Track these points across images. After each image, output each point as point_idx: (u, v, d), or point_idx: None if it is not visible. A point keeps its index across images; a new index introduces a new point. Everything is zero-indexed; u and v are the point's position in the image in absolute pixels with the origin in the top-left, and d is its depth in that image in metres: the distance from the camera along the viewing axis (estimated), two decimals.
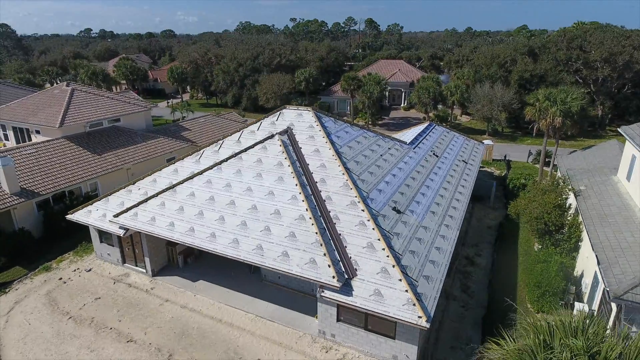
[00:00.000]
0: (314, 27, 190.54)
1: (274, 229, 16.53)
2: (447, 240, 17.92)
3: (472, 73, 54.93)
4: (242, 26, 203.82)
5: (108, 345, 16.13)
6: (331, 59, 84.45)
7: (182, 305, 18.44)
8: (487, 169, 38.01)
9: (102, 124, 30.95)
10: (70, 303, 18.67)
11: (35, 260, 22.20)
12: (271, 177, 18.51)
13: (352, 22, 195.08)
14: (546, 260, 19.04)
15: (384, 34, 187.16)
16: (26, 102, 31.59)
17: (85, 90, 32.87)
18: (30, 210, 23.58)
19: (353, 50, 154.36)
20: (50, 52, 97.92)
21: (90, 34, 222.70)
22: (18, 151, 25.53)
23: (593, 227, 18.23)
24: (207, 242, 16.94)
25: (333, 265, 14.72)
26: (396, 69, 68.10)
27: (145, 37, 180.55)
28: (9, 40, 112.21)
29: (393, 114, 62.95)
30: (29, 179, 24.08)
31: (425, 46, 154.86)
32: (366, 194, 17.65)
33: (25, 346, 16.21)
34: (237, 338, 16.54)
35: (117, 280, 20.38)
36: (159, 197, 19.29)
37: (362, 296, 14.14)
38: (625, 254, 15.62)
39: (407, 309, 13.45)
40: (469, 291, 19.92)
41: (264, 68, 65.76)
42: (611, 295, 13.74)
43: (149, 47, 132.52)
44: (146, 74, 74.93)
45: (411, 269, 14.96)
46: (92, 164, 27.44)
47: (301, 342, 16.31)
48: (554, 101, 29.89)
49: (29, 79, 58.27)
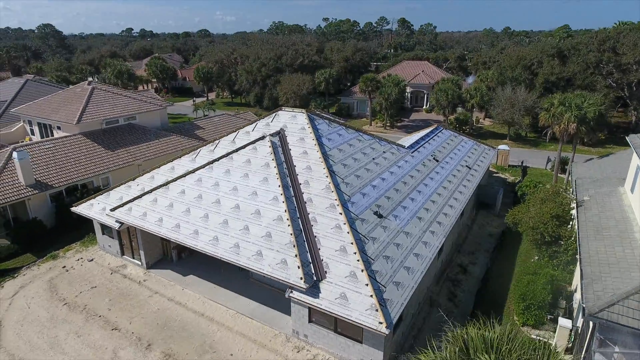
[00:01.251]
0: (346, 27, 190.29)
1: (253, 229, 16.94)
2: (429, 246, 17.71)
3: (496, 75, 53.36)
4: (275, 26, 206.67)
5: (94, 332, 17.09)
6: (356, 59, 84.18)
7: (169, 298, 19.21)
8: (500, 175, 36.90)
9: (118, 122, 32.50)
10: (68, 290, 19.87)
11: (45, 248, 23.72)
12: (257, 177, 18.94)
13: (384, 22, 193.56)
14: (536, 273, 18.47)
15: (417, 34, 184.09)
16: (51, 99, 33.66)
17: (105, 89, 34.61)
18: (43, 201, 25.17)
19: (384, 50, 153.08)
20: (91, 51, 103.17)
21: (131, 34, 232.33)
22: (37, 146, 27.30)
23: (586, 240, 17.47)
24: (190, 238, 17.59)
25: (303, 266, 14.94)
26: (419, 70, 67.06)
27: (182, 37, 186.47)
28: (53, 39, 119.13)
29: (414, 116, 62.05)
30: (44, 172, 25.71)
31: (459, 46, 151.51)
32: (347, 197, 17.72)
33: (22, 328, 17.45)
34: (215, 332, 17.08)
35: (114, 271, 21.46)
36: (153, 194, 20.17)
37: (328, 299, 14.28)
38: (611, 269, 14.91)
39: (369, 314, 13.48)
40: (455, 300, 19.58)
41: (287, 68, 66.52)
42: (586, 312, 13.20)
43: (184, 46, 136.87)
44: (175, 73, 77.56)
45: (381, 274, 14.94)
46: (105, 159, 28.91)
47: (275, 340, 16.63)
48: (568, 106, 28.71)
49: (65, 77, 61.85)
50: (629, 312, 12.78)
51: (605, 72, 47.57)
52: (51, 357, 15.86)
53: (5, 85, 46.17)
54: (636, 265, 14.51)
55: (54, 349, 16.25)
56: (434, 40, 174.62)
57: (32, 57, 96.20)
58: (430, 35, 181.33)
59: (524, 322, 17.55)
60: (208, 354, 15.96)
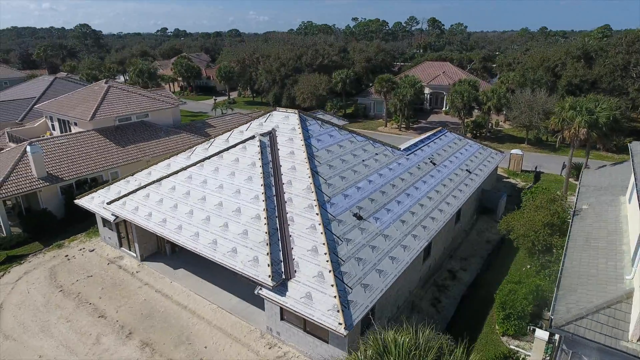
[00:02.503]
0: (374, 26, 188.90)
1: (231, 226, 17.38)
2: (408, 250, 17.58)
3: (518, 77, 51.78)
4: (304, 26, 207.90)
5: (82, 318, 18.03)
6: (378, 60, 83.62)
7: (157, 290, 19.98)
8: (511, 180, 35.86)
9: (131, 119, 33.86)
10: (66, 278, 21.02)
11: (53, 238, 25.12)
12: (242, 176, 19.38)
13: (414, 22, 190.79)
14: (520, 282, 17.99)
15: (447, 34, 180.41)
16: (71, 96, 35.48)
17: (120, 87, 36.14)
18: (54, 193, 26.64)
19: (413, 50, 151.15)
20: (123, 50, 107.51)
21: (165, 33, 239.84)
22: (52, 140, 28.91)
23: (573, 250, 16.90)
24: (174, 233, 18.25)
25: (272, 265, 15.23)
26: (440, 71, 65.89)
27: (212, 37, 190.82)
28: (89, 38, 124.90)
29: (432, 118, 61.05)
30: (56, 166, 27.21)
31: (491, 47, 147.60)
32: (327, 198, 17.86)
33: (19, 311, 18.64)
34: (194, 325, 17.65)
35: (111, 261, 22.50)
36: (146, 189, 21.01)
37: (294, 297, 14.51)
38: (588, 281, 14.38)
39: (330, 315, 13.60)
40: (438, 305, 19.33)
41: (306, 68, 66.99)
42: (552, 324, 12.81)
43: (213, 46, 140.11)
44: (199, 72, 79.58)
45: (350, 276, 15.01)
46: (115, 154, 30.24)
47: (250, 336, 17.01)
48: (579, 111, 27.62)
49: (95, 75, 64.83)
50: (597, 327, 12.34)
51: (634, 74, 45.22)
52: (40, 340, 16.88)
53: (36, 82, 48.98)
54: (615, 279, 13.93)
55: (44, 332, 17.29)
56: (465, 40, 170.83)
57: (68, 55, 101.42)
58: (461, 35, 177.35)
59: (504, 332, 17.13)
60: (183, 345, 16.54)
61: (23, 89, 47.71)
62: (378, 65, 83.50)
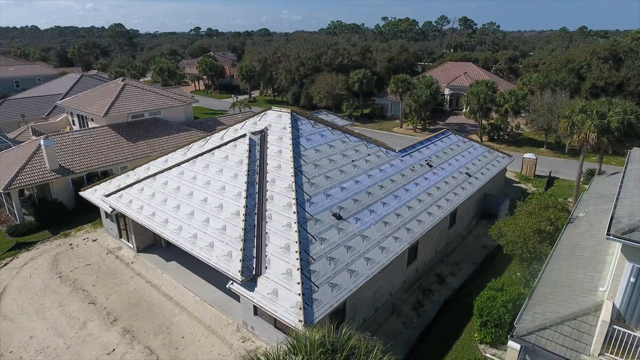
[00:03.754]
0: (404, 26, 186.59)
1: (212, 221, 17.88)
2: (387, 252, 17.50)
3: (540, 78, 49.99)
4: (334, 25, 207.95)
5: (74, 304, 19.05)
6: (401, 60, 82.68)
7: (147, 280, 20.79)
8: (522, 185, 34.76)
9: (144, 115, 35.19)
10: (66, 265, 22.22)
11: (62, 227, 26.55)
12: (229, 173, 19.86)
13: (444, 21, 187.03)
14: (502, 289, 17.51)
15: (478, 33, 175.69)
16: (89, 93, 37.26)
17: (135, 85, 37.60)
18: (66, 185, 28.12)
19: (443, 50, 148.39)
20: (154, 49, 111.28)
21: (198, 32, 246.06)
22: (67, 135, 30.52)
23: (556, 259, 16.36)
24: (160, 226, 18.96)
25: (244, 260, 15.59)
26: (462, 71, 64.44)
27: (242, 36, 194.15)
28: (123, 38, 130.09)
29: (451, 120, 59.85)
30: (69, 159, 28.70)
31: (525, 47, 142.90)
32: (308, 197, 18.04)
33: (19, 294, 19.90)
34: (176, 316, 18.29)
35: (110, 251, 23.58)
36: (141, 183, 21.89)
37: (261, 293, 14.81)
38: (562, 291, 13.91)
39: (292, 312, 13.81)
40: (420, 309, 19.13)
41: (325, 67, 67.18)
42: (514, 333, 12.49)
43: (242, 45, 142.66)
44: (223, 71, 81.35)
45: (319, 275, 15.15)
46: (126, 150, 31.54)
47: (227, 329, 17.46)
48: (589, 114, 26.48)
49: (122, 73, 67.56)
50: (559, 339, 11.97)
51: None
52: (33, 322, 17.98)
53: (65, 79, 51.64)
54: (589, 290, 13.39)
55: (37, 315, 18.40)
56: (498, 40, 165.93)
57: (101, 54, 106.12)
58: (493, 34, 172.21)
59: (482, 339, 16.78)
60: (162, 334, 17.18)
61: (53, 86, 50.46)
62: (400, 66, 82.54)
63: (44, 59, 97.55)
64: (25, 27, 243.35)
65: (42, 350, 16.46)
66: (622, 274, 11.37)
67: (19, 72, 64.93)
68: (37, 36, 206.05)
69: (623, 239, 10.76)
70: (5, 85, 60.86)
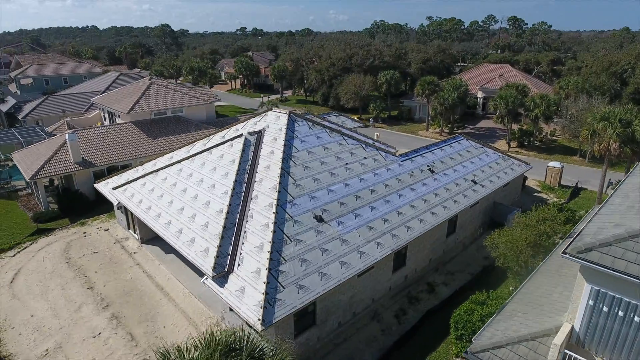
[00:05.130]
0: (449, 25, 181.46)
1: (198, 218, 18.54)
2: (365, 257, 17.36)
3: (579, 82, 47.07)
4: (376, 25, 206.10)
5: (75, 288, 20.45)
6: (437, 61, 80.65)
7: (144, 271, 21.90)
8: (543, 195, 33.00)
9: (166, 113, 36.88)
10: (76, 251, 23.84)
11: (81, 216, 28.47)
12: (221, 172, 20.48)
13: (492, 21, 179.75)
14: (483, 303, 16.86)
15: (527, 33, 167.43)
16: (120, 91, 39.55)
17: (161, 84, 39.45)
18: (88, 177, 30.08)
19: (489, 50, 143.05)
20: (195, 49, 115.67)
21: (244, 32, 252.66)
22: (92, 130, 32.63)
23: (540, 274, 15.54)
24: (153, 219, 19.91)
25: (218, 257, 16.07)
26: (497, 74, 61.86)
27: (285, 36, 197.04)
28: (169, 37, 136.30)
29: (482, 124, 57.67)
30: (92, 153, 30.69)
31: (579, 48, 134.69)
32: (291, 199, 18.24)
33: (30, 275, 21.64)
34: (163, 306, 19.16)
35: (117, 241, 25.01)
36: (144, 178, 23.05)
37: (230, 289, 15.21)
38: (531, 310, 13.23)
39: (254, 310, 14.09)
40: (402, 317, 18.81)
41: (356, 68, 66.92)
42: (468, 349, 12.06)
43: (284, 45, 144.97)
44: (258, 70, 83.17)
45: (287, 275, 15.32)
46: (145, 145, 33.23)
47: (206, 322, 18.06)
48: (612, 122, 24.78)
49: (161, 71, 70.98)
50: (513, 359, 11.40)
51: None
52: (37, 302, 19.51)
53: (105, 77, 55.05)
54: (559, 310, 12.62)
55: (41, 296, 19.94)
56: (552, 40, 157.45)
57: (146, 53, 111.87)
58: (544, 35, 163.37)
59: (457, 352, 16.25)
60: (147, 322, 18.08)
61: (94, 83, 53.98)
62: (436, 67, 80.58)
63: (95, 57, 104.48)
64: (86, 27, 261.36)
65: (38, 328, 17.85)
66: (581, 295, 10.67)
67: (67, 70, 70.09)
68: (95, 35, 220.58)
69: (578, 258, 10.11)
70: (55, 82, 65.98)
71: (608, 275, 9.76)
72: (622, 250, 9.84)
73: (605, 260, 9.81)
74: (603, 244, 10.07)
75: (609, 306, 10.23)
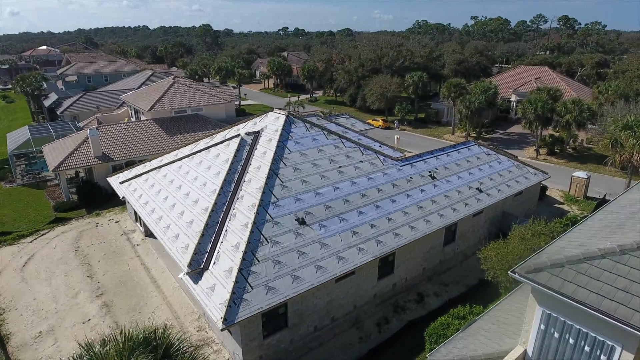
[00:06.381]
0: (494, 25, 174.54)
1: (185, 215, 19.07)
2: (344, 262, 17.14)
3: (621, 86, 43.90)
4: (418, 25, 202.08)
5: (76, 275, 21.66)
6: (473, 62, 77.93)
7: (142, 263, 22.82)
8: (565, 206, 31.07)
9: (186, 112, 38.14)
10: (85, 241, 25.24)
11: (97, 207, 30.09)
12: (214, 170, 20.93)
13: (541, 20, 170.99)
14: (464, 317, 16.18)
15: (579, 34, 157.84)
16: (146, 89, 41.37)
17: (183, 83, 40.85)
18: (107, 170, 31.70)
19: (536, 51, 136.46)
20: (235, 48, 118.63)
21: (286, 32, 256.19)
22: (114, 126, 34.37)
23: (521, 292, 14.63)
24: (147, 214, 20.70)
25: (195, 254, 16.46)
26: (533, 77, 58.82)
27: (326, 35, 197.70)
28: (210, 37, 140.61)
29: (513, 129, 55.11)
30: (111, 148, 32.34)
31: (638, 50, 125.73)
32: (275, 200, 18.33)
33: (41, 261, 23.16)
34: (152, 298, 19.89)
35: (125, 233, 26.22)
36: (147, 174, 23.99)
37: (202, 286, 15.54)
38: (497, 329, 12.57)
39: (219, 308, 14.31)
40: (383, 326, 18.43)
41: (385, 69, 66.00)
42: None
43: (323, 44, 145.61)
44: (290, 70, 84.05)
45: (259, 276, 15.43)
46: (163, 141, 34.57)
47: (189, 317, 18.57)
48: (635, 131, 22.97)
49: (196, 70, 73.50)
50: None
51: None
52: (41, 287, 20.86)
53: (140, 76, 57.73)
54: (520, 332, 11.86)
55: (46, 281, 21.30)
56: (609, 41, 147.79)
57: (185, 52, 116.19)
58: (597, 35, 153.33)
59: None
60: (133, 312, 18.85)
61: (130, 81, 56.80)
62: (471, 68, 77.92)
63: (139, 56, 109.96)
64: (138, 27, 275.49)
65: (37, 311, 19.08)
66: (533, 318, 9.99)
67: (108, 68, 74.27)
68: (145, 35, 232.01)
69: (526, 278, 9.47)
70: (96, 79, 70.14)
71: (558, 299, 9.08)
72: (574, 273, 9.13)
73: (553, 282, 9.13)
74: (554, 264, 9.38)
75: (559, 332, 9.52)
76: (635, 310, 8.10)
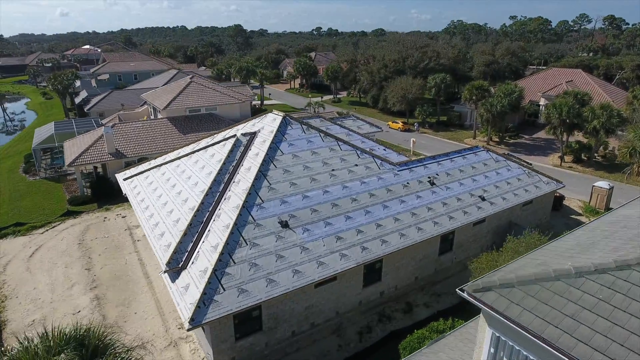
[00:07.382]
0: (534, 25, 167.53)
1: (174, 213, 19.35)
2: (324, 268, 16.84)
3: None
4: (454, 25, 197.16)
5: (76, 268, 22.50)
6: (503, 64, 75.04)
7: (139, 258, 23.41)
8: (583, 218, 29.27)
9: (200, 111, 38.88)
10: (91, 234, 26.19)
11: (108, 202, 31.18)
12: (207, 170, 21.14)
13: (584, 20, 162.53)
14: (444, 332, 15.49)
15: (625, 34, 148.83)
16: (164, 88, 42.51)
17: (199, 82, 41.66)
18: (119, 166, 32.73)
19: (578, 52, 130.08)
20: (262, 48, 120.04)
21: (320, 32, 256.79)
22: (129, 124, 35.51)
23: None
24: (141, 211, 21.17)
25: (175, 252, 16.65)
26: (564, 79, 55.87)
27: (357, 35, 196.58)
28: (240, 37, 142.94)
29: (541, 134, 52.42)
30: (125, 145, 33.43)
31: None
32: (260, 202, 18.27)
33: (47, 252, 24.22)
34: (142, 294, 20.34)
35: (129, 227, 27.01)
36: (148, 172, 24.57)
37: (178, 285, 15.69)
38: (463, 346, 11.93)
39: (189, 308, 14.38)
40: (365, 335, 18.00)
41: (409, 70, 64.73)
42: None
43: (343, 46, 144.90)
44: (316, 71, 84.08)
45: (233, 278, 15.40)
46: (175, 139, 35.38)
47: (172, 314, 18.83)
48: None
49: (221, 70, 74.86)
50: None
51: None
52: (42, 277, 21.81)
53: (166, 75, 59.43)
54: None
55: (48, 271, 22.25)
56: None
57: (216, 52, 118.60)
58: None
59: None
60: (122, 307, 19.34)
61: (156, 80, 58.62)
62: (501, 70, 75.07)
63: (172, 56, 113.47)
64: (176, 27, 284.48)
65: (34, 300, 19.96)
66: (484, 340, 9.36)
67: (138, 67, 77.07)
68: (183, 35, 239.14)
69: (473, 297, 8.88)
70: (126, 78, 72.93)
71: (503, 322, 8.45)
72: (522, 295, 8.47)
73: (500, 303, 8.51)
74: (504, 284, 8.75)
75: (508, 357, 8.85)
76: (579, 341, 7.39)
